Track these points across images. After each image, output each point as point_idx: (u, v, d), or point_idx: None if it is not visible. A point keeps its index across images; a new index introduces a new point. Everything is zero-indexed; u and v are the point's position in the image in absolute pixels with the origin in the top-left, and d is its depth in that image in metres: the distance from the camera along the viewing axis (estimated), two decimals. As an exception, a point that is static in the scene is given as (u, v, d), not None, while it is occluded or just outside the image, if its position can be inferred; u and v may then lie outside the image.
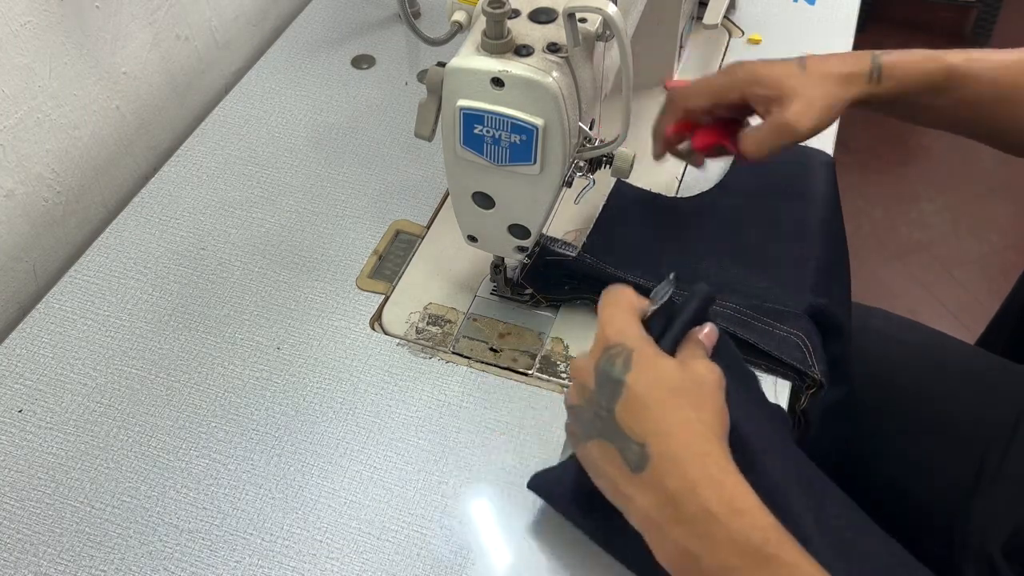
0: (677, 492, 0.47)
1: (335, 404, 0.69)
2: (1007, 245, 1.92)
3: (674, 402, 0.49)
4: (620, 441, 0.50)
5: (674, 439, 0.49)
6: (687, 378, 0.51)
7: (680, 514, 0.47)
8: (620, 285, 0.56)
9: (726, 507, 0.46)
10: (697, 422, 0.49)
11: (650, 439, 0.49)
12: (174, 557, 0.61)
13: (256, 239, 0.81)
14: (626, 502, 0.50)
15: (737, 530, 0.46)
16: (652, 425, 0.49)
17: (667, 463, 0.48)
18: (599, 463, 0.52)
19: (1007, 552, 0.62)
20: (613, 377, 0.51)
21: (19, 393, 0.70)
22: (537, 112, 0.56)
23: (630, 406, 0.50)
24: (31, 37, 0.75)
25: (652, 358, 0.51)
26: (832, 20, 1.03)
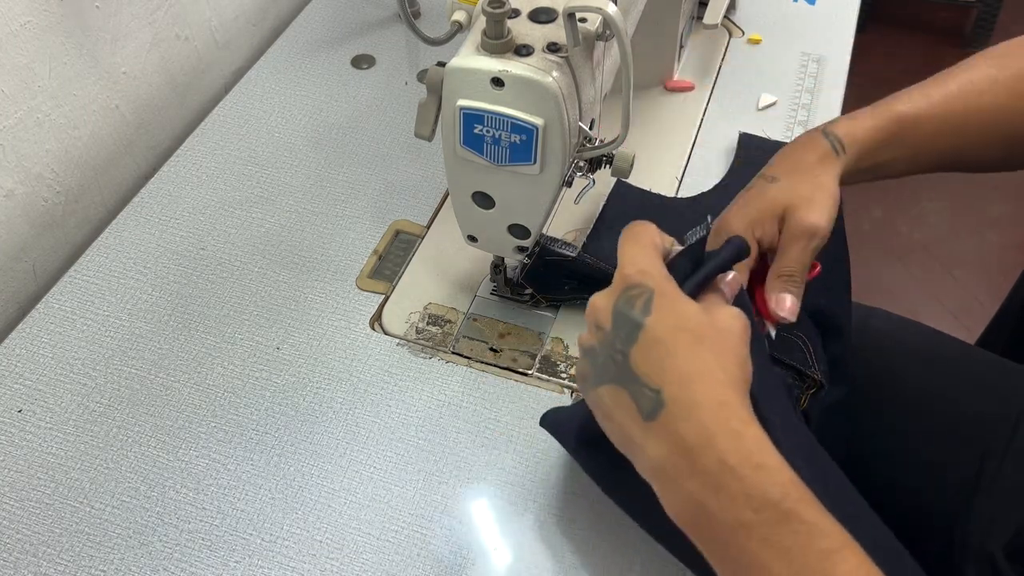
0: (692, 442, 0.45)
1: (335, 404, 0.69)
2: (1007, 245, 1.92)
3: (694, 348, 0.47)
4: (634, 386, 0.47)
5: (692, 386, 0.46)
6: (710, 324, 0.48)
7: (694, 465, 0.45)
8: (642, 221, 0.53)
9: (744, 460, 0.44)
10: (718, 370, 0.46)
11: (666, 385, 0.46)
12: (174, 557, 0.61)
13: (256, 239, 0.81)
14: (636, 451, 0.48)
15: (754, 484, 0.43)
16: (669, 370, 0.46)
17: (683, 411, 0.46)
18: (610, 408, 0.49)
19: (1009, 552, 0.62)
20: (631, 318, 0.48)
21: (19, 393, 0.70)
22: (537, 112, 0.56)
23: (647, 349, 0.47)
24: (31, 37, 0.75)
25: (674, 300, 0.48)
26: (832, 20, 1.03)
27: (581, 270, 0.73)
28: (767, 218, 0.61)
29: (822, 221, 0.60)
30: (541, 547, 0.61)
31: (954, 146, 0.65)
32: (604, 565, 0.60)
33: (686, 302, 0.48)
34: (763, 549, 0.43)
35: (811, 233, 0.60)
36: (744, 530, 0.43)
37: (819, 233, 0.60)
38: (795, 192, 0.61)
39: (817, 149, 0.63)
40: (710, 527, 0.45)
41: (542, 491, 0.64)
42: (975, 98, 0.64)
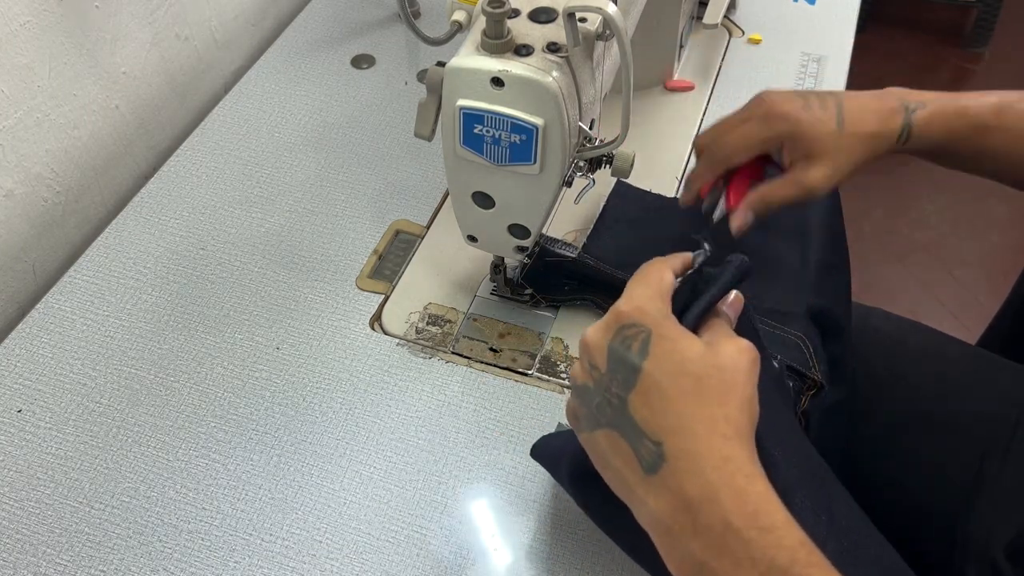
0: (695, 500, 0.43)
1: (335, 404, 0.69)
2: (1007, 245, 1.92)
3: (696, 395, 0.44)
4: (633, 436, 0.45)
5: (694, 439, 0.44)
6: (712, 364, 0.45)
7: (697, 524, 0.43)
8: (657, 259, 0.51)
9: (749, 521, 0.42)
10: (722, 420, 0.44)
11: (667, 437, 0.44)
12: (173, 557, 0.61)
13: (256, 239, 0.81)
14: (636, 502, 0.46)
15: (761, 548, 0.41)
16: (671, 421, 0.44)
17: (685, 465, 0.44)
18: (607, 455, 0.47)
19: (1010, 554, 0.62)
20: (628, 361, 0.46)
21: (18, 393, 0.70)
22: (537, 112, 0.56)
23: (646, 397, 0.45)
24: (31, 37, 0.75)
25: (673, 341, 0.46)
26: (832, 20, 1.02)
27: (581, 270, 0.73)
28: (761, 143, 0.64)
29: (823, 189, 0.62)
30: (541, 547, 0.61)
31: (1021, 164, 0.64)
32: (604, 565, 0.60)
33: (687, 341, 0.46)
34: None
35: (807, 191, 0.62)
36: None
37: (813, 197, 0.62)
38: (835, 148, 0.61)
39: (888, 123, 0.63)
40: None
41: (542, 491, 0.64)
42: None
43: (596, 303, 0.74)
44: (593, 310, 0.74)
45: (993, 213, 1.99)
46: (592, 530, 0.62)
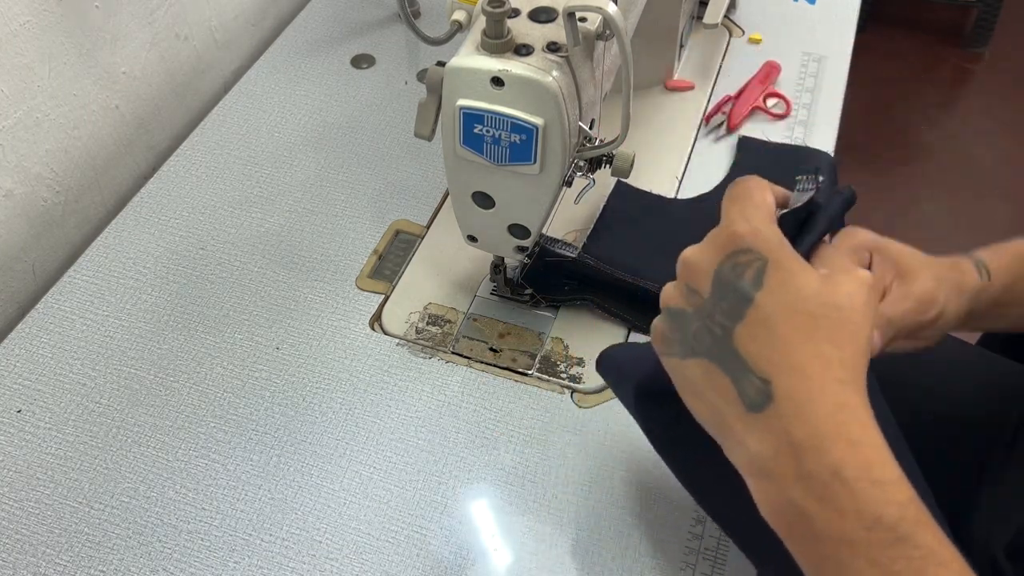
0: (802, 444, 0.40)
1: (334, 404, 0.69)
2: (1007, 245, 1.92)
3: (811, 335, 0.41)
4: (736, 369, 0.42)
5: (807, 380, 0.41)
6: (831, 301, 0.42)
7: (801, 469, 0.40)
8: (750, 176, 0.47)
9: (861, 472, 0.39)
10: (836, 363, 0.41)
11: (776, 375, 0.41)
12: (173, 557, 0.61)
13: (256, 239, 0.81)
14: (732, 441, 0.43)
15: (869, 501, 0.39)
16: (781, 358, 0.41)
17: (795, 408, 0.41)
18: (701, 387, 0.44)
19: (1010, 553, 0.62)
20: (739, 290, 0.42)
21: (18, 393, 0.70)
22: (537, 112, 0.56)
23: (756, 330, 0.42)
24: (30, 37, 0.75)
25: (791, 274, 0.42)
26: (832, 20, 1.02)
27: (581, 270, 0.72)
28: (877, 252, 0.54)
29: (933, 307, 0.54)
30: (541, 547, 0.61)
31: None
32: (604, 565, 0.60)
33: (805, 275, 0.43)
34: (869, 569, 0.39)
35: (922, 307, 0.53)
36: (849, 547, 0.39)
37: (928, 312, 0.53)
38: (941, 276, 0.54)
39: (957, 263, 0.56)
40: (811, 537, 0.41)
41: (542, 491, 0.64)
42: None
43: (596, 303, 0.74)
44: (593, 310, 0.74)
45: (993, 213, 1.99)
46: (593, 531, 0.62)
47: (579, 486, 0.64)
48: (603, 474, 0.65)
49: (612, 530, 0.62)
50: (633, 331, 0.73)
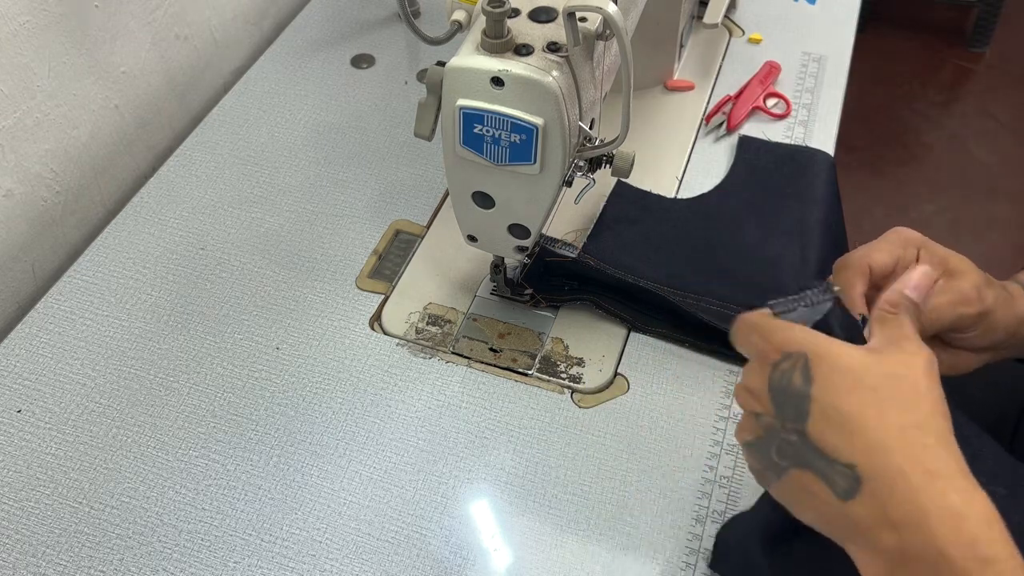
0: (902, 522, 0.38)
1: (334, 404, 0.69)
2: (1007, 245, 1.92)
3: (879, 406, 0.40)
4: (823, 466, 0.41)
5: (890, 453, 0.39)
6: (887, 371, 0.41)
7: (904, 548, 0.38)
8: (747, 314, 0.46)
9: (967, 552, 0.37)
10: (913, 428, 0.40)
11: (859, 457, 0.40)
12: (173, 557, 0.61)
13: (256, 239, 0.81)
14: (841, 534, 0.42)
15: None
16: (858, 440, 0.40)
17: (886, 484, 0.39)
18: (799, 496, 0.43)
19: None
20: (794, 392, 0.42)
21: (18, 393, 0.70)
22: (537, 112, 0.56)
23: (825, 420, 0.41)
24: (30, 36, 0.75)
25: (836, 356, 0.42)
26: (832, 20, 1.02)
27: (581, 270, 0.72)
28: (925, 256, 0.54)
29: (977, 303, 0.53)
30: (541, 547, 0.61)
31: None
32: (605, 565, 0.60)
33: (850, 354, 0.42)
34: None
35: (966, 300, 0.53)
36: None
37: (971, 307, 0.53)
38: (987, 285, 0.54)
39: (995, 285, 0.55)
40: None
41: (542, 491, 0.64)
42: None
43: (596, 303, 0.74)
44: (593, 310, 0.74)
45: (993, 213, 1.99)
46: (593, 531, 0.62)
47: (579, 486, 0.64)
48: (603, 474, 0.65)
49: (612, 530, 0.62)
50: (633, 331, 0.73)
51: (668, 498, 0.63)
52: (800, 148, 0.85)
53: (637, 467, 0.65)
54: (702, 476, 0.65)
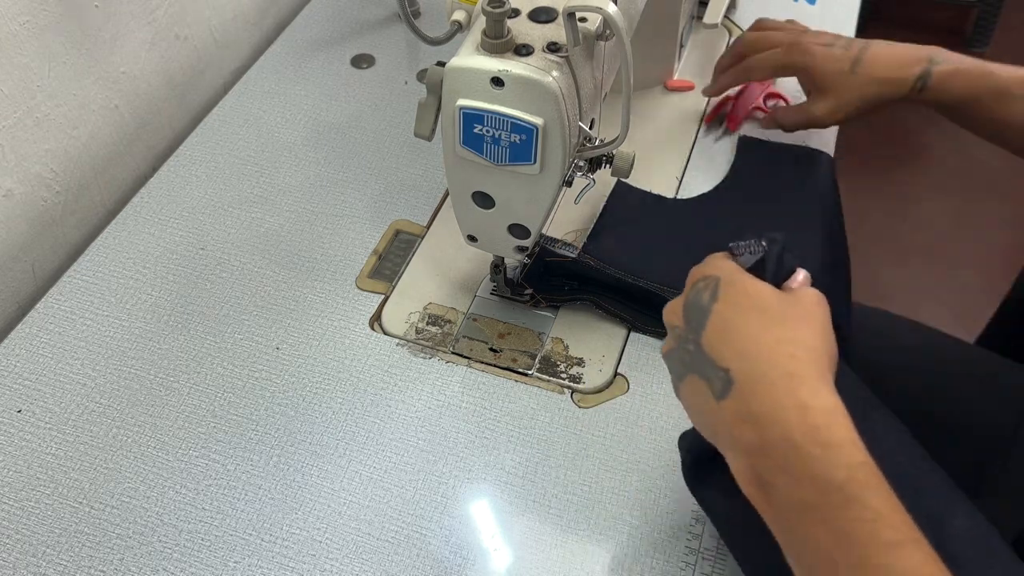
0: (759, 416, 0.43)
1: (334, 404, 0.69)
2: (1007, 245, 1.92)
3: (763, 324, 0.46)
4: (707, 370, 0.46)
5: (759, 360, 0.45)
6: (783, 299, 0.47)
7: (761, 442, 0.43)
8: None
9: (810, 437, 0.42)
10: (787, 342, 0.45)
11: (733, 362, 0.45)
12: (173, 557, 0.61)
13: (256, 239, 0.81)
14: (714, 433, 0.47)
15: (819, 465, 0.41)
16: (738, 347, 0.46)
17: (750, 385, 0.44)
18: (691, 399, 0.48)
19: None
20: (700, 307, 0.48)
21: (18, 393, 0.70)
22: (537, 112, 0.56)
23: (716, 331, 0.47)
24: (30, 36, 0.75)
25: (742, 282, 0.48)
26: (832, 20, 1.02)
27: (581, 270, 0.72)
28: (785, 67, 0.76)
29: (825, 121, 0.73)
30: (541, 547, 0.61)
31: None
32: (605, 565, 0.60)
33: (756, 284, 0.48)
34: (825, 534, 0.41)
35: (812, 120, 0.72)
36: (806, 511, 0.42)
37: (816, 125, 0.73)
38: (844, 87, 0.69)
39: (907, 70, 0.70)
40: (777, 507, 0.43)
41: (542, 491, 0.64)
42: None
43: (596, 303, 0.74)
44: (593, 310, 0.74)
45: (993, 213, 1.99)
46: (593, 530, 0.62)
47: (579, 486, 0.64)
48: (603, 474, 0.65)
49: (612, 530, 0.62)
50: (633, 331, 0.73)
51: (668, 498, 0.63)
52: (800, 148, 0.85)
53: (637, 467, 0.65)
54: (702, 476, 0.65)
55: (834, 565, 0.40)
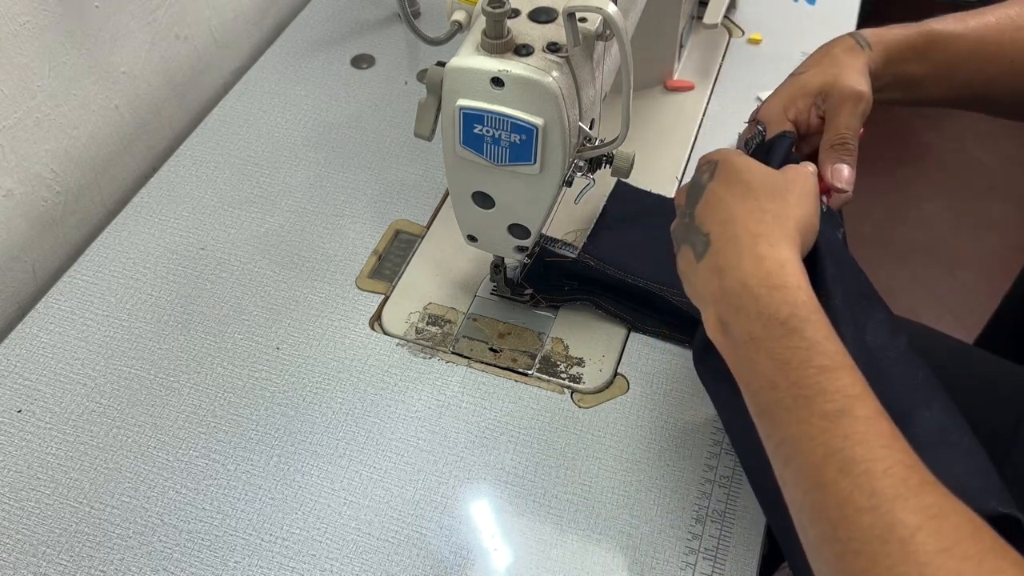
0: (723, 268, 0.50)
1: (334, 404, 0.69)
2: (1007, 245, 1.92)
3: (746, 195, 0.52)
4: (692, 236, 0.53)
5: (734, 224, 0.51)
6: (768, 175, 0.53)
7: (722, 288, 0.50)
8: None
9: (761, 281, 0.48)
10: (761, 211, 0.51)
11: (713, 227, 0.52)
12: (173, 557, 0.61)
13: (256, 239, 0.81)
14: (694, 292, 0.53)
15: (767, 303, 0.47)
16: (720, 214, 0.52)
17: (723, 245, 0.51)
18: (682, 266, 0.54)
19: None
20: (699, 185, 0.54)
21: (18, 393, 0.70)
22: (537, 112, 0.56)
23: (706, 204, 0.53)
24: (30, 37, 0.75)
25: (736, 162, 0.53)
26: (832, 20, 1.02)
27: (581, 270, 0.72)
28: (800, 97, 0.65)
29: (864, 87, 0.63)
30: (541, 547, 0.61)
31: (985, 76, 0.66)
32: (605, 565, 0.60)
33: (750, 163, 0.53)
34: (767, 361, 0.47)
35: (856, 96, 0.62)
36: (754, 344, 0.48)
37: (864, 97, 0.62)
38: (828, 72, 0.64)
39: (843, 43, 0.66)
40: (730, 342, 0.50)
41: (542, 491, 0.64)
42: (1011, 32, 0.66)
43: (596, 303, 0.74)
44: (593, 310, 0.74)
45: (993, 213, 1.99)
46: (593, 530, 0.62)
47: (579, 486, 0.64)
48: (603, 474, 0.65)
49: (612, 530, 0.62)
50: (633, 331, 0.73)
51: (668, 498, 0.63)
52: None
53: (637, 467, 0.65)
54: (702, 476, 0.65)
55: (775, 387, 0.46)
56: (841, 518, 0.42)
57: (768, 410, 0.47)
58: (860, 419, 0.44)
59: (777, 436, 0.47)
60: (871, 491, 0.41)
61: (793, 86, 0.66)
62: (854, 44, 0.65)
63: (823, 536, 0.43)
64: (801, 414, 0.45)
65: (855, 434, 0.43)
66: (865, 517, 0.41)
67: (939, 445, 0.51)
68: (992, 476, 0.50)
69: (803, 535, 0.45)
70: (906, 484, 0.41)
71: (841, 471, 0.43)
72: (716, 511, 0.63)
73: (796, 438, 0.45)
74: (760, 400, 0.48)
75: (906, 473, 0.42)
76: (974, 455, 0.51)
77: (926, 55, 0.65)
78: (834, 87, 0.63)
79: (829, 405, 0.44)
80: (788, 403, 0.46)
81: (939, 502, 0.41)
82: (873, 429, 0.44)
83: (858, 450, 0.43)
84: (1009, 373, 0.77)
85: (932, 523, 0.40)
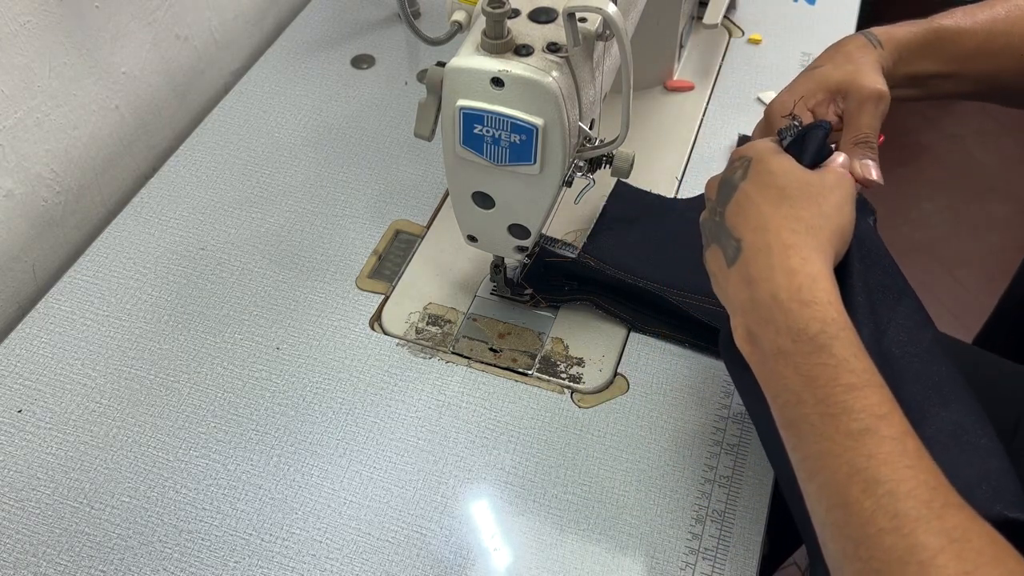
0: (754, 279, 0.50)
1: (334, 404, 0.69)
2: (1007, 245, 1.92)
3: (779, 200, 0.51)
4: (723, 239, 0.52)
5: (766, 232, 0.50)
6: (804, 179, 0.52)
7: (752, 300, 0.49)
8: None
9: (792, 295, 0.48)
10: (795, 219, 0.50)
11: (745, 234, 0.51)
12: (173, 557, 0.61)
13: (256, 239, 0.81)
14: (723, 295, 0.53)
15: (797, 318, 0.47)
16: (752, 221, 0.51)
17: (755, 254, 0.50)
18: (711, 265, 0.54)
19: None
20: (731, 183, 0.53)
21: (18, 393, 0.70)
22: (537, 112, 0.56)
23: (738, 206, 0.52)
24: (30, 37, 0.75)
25: (769, 162, 0.53)
26: (832, 20, 1.02)
27: (581, 270, 0.73)
28: (817, 92, 0.64)
29: (883, 86, 0.62)
30: (541, 547, 0.61)
31: (996, 68, 0.66)
32: (604, 565, 0.60)
33: (782, 161, 0.53)
34: (795, 376, 0.47)
35: (877, 96, 0.62)
36: (782, 357, 0.48)
37: (885, 96, 0.62)
38: (844, 69, 0.63)
39: (856, 41, 0.65)
40: (758, 353, 0.49)
41: (542, 491, 0.64)
42: (1022, 24, 0.65)
43: (596, 303, 0.74)
44: (593, 310, 0.74)
45: (993, 213, 1.99)
46: (592, 530, 0.62)
47: (579, 486, 0.64)
48: (603, 474, 0.65)
49: (612, 530, 0.62)
50: (633, 331, 0.73)
51: (668, 498, 0.64)
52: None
53: (637, 467, 0.65)
54: (702, 476, 0.65)
55: (801, 402, 0.46)
56: (863, 537, 0.42)
57: (794, 424, 0.47)
58: (886, 439, 0.44)
59: (802, 450, 0.47)
60: (894, 512, 0.41)
61: (811, 80, 0.65)
62: (866, 42, 0.65)
63: (844, 553, 0.43)
64: (827, 431, 0.45)
65: (880, 454, 0.43)
66: (887, 538, 0.41)
67: (951, 446, 0.50)
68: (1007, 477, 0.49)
69: (825, 549, 0.45)
70: (929, 506, 0.41)
71: (864, 491, 0.43)
72: (716, 511, 0.63)
73: (821, 455, 0.45)
74: (787, 413, 0.48)
75: (930, 495, 0.42)
76: (991, 456, 0.50)
77: (936, 51, 0.65)
78: (853, 85, 0.62)
79: (855, 424, 0.44)
80: (814, 420, 0.46)
81: (962, 524, 0.41)
82: (898, 449, 0.43)
83: (882, 470, 0.43)
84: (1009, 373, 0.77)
85: (954, 546, 0.40)
